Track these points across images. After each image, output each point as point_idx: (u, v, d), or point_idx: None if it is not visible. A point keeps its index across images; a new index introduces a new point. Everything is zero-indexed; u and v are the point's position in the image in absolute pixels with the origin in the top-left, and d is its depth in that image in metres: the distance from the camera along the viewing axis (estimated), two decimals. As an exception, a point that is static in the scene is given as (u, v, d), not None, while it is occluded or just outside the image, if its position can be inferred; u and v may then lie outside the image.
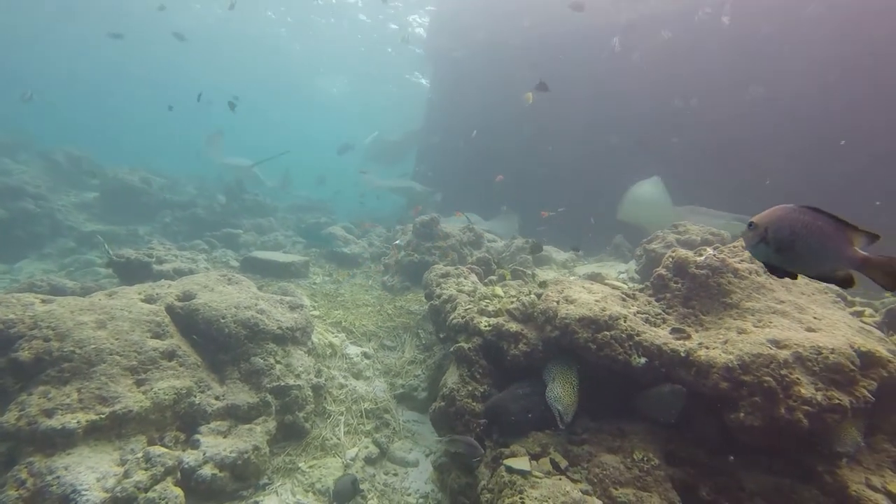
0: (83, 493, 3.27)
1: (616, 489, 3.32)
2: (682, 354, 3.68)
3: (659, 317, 4.13)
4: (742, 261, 4.20)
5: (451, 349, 4.45)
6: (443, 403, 4.21)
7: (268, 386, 4.58)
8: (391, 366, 6.15)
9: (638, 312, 4.12)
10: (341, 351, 6.06)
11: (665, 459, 3.59)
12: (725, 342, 3.69)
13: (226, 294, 5.18)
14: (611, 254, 11.07)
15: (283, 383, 4.65)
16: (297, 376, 4.83)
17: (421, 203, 15.75)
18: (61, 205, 14.95)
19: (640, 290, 4.63)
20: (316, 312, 6.92)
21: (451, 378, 4.39)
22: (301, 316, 5.39)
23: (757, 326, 3.78)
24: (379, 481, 4.46)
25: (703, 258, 4.18)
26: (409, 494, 4.37)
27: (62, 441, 3.57)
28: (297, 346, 5.18)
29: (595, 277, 6.42)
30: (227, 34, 33.39)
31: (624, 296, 4.33)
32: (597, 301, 4.06)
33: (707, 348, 3.69)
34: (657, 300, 4.36)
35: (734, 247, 4.38)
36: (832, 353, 3.30)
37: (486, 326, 4.37)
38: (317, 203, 22.16)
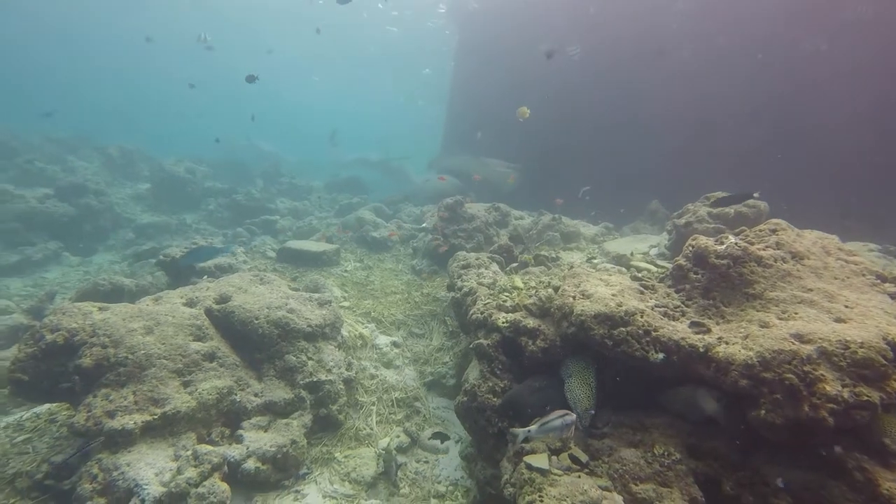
0: (144, 487, 3.70)
1: (636, 485, 3.33)
2: (701, 350, 3.59)
3: (678, 309, 4.02)
4: (766, 247, 3.97)
5: (471, 346, 4.54)
6: (465, 398, 4.35)
7: (301, 382, 4.89)
8: (420, 354, 6.36)
9: (656, 306, 4.03)
10: (371, 342, 6.32)
11: (687, 453, 3.57)
12: (746, 337, 3.56)
13: (258, 295, 5.49)
14: (647, 220, 10.68)
15: (315, 379, 4.95)
16: (329, 371, 5.11)
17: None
18: (119, 198, 16.05)
19: (661, 280, 4.49)
20: (346, 304, 7.20)
21: (473, 373, 4.51)
22: (330, 312, 5.65)
23: (781, 318, 3.61)
24: (410, 469, 4.73)
25: (723, 247, 3.98)
26: (439, 482, 4.61)
27: (123, 440, 4.02)
28: (328, 342, 5.46)
29: (621, 260, 6.25)
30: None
31: (642, 288, 4.22)
32: (613, 295, 4.00)
33: (726, 344, 3.58)
34: (677, 291, 4.23)
35: (760, 231, 4.14)
36: (861, 346, 3.12)
37: (503, 323, 4.41)
38: (352, 180, 22.48)
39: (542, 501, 3.16)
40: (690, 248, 4.24)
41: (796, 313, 3.58)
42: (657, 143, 11.72)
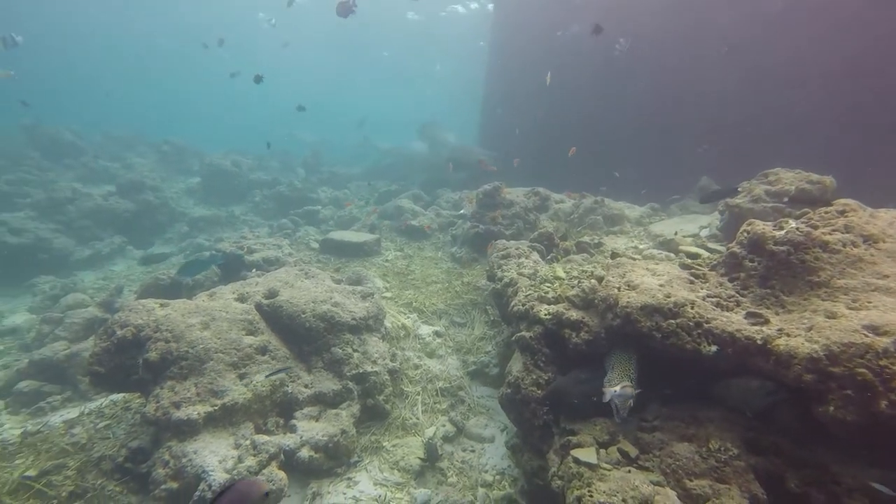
0: (210, 473, 3.97)
1: (690, 480, 3.20)
2: (759, 342, 3.39)
3: (732, 299, 3.81)
4: (834, 231, 3.66)
5: (514, 338, 4.52)
6: (509, 391, 4.35)
7: (348, 374, 5.06)
8: (462, 343, 6.40)
9: (708, 296, 3.84)
10: (414, 332, 6.42)
11: (746, 448, 3.41)
12: (810, 328, 3.32)
13: (304, 289, 5.68)
14: (696, 197, 10.15)
15: (361, 370, 5.10)
16: (374, 362, 5.25)
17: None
18: (173, 193, 16.96)
19: (713, 268, 4.27)
20: (388, 294, 7.33)
21: (516, 366, 4.50)
22: (373, 304, 5.77)
23: (851, 308, 3.34)
24: (457, 458, 4.81)
25: (782, 232, 3.71)
26: (486, 471, 4.67)
27: (188, 429, 4.31)
28: (372, 334, 5.59)
29: (669, 244, 5.98)
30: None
31: (692, 277, 4.03)
32: (661, 286, 3.84)
33: (788, 336, 3.36)
34: (731, 280, 4.00)
35: (825, 213, 3.82)
36: (947, 340, 2.85)
37: (546, 315, 4.35)
38: (390, 168, 22.67)
39: (591, 497, 3.12)
40: (745, 235, 3.99)
41: (869, 302, 3.30)
42: (706, 118, 11.02)
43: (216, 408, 4.44)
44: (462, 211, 9.48)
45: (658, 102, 11.98)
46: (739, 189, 5.36)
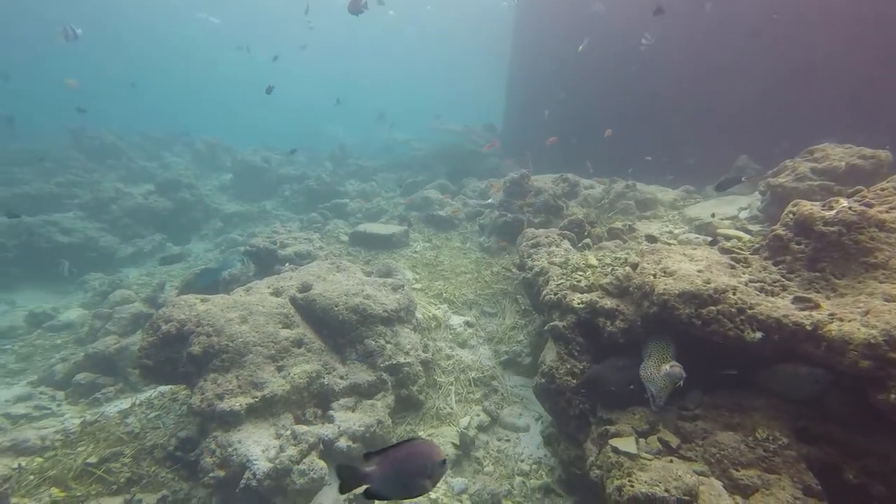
0: (254, 462, 4.12)
1: (737, 470, 3.09)
2: (809, 328, 3.24)
3: (777, 284, 3.64)
4: (891, 209, 3.43)
5: (546, 327, 4.47)
6: (543, 380, 4.32)
7: (382, 365, 5.13)
8: (493, 333, 6.38)
9: (750, 281, 3.68)
10: (445, 322, 6.44)
11: (796, 438, 3.28)
12: (867, 313, 3.14)
13: (336, 282, 5.77)
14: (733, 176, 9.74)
15: (394, 362, 5.16)
16: (407, 353, 5.30)
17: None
18: (207, 190, 17.50)
19: (755, 252, 4.09)
20: (418, 286, 7.37)
21: (549, 355, 4.45)
22: (403, 296, 5.81)
23: (913, 292, 3.15)
24: (493, 448, 4.84)
25: (833, 212, 3.50)
26: (522, 460, 4.68)
27: (232, 420, 4.48)
28: (403, 325, 5.64)
29: (706, 228, 5.76)
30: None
31: (733, 262, 3.87)
32: (699, 272, 3.70)
33: (841, 321, 3.19)
34: (775, 264, 3.82)
35: (882, 190, 3.59)
36: None
37: (579, 304, 4.28)
38: (415, 159, 22.69)
39: (632, 487, 3.05)
40: (791, 216, 3.79)
41: (932, 285, 3.10)
42: (743, 93, 10.48)
43: (257, 399, 4.59)
44: (489, 200, 9.39)
45: (689, 78, 11.47)
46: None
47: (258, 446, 4.28)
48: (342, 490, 2.07)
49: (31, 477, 4.21)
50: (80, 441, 4.90)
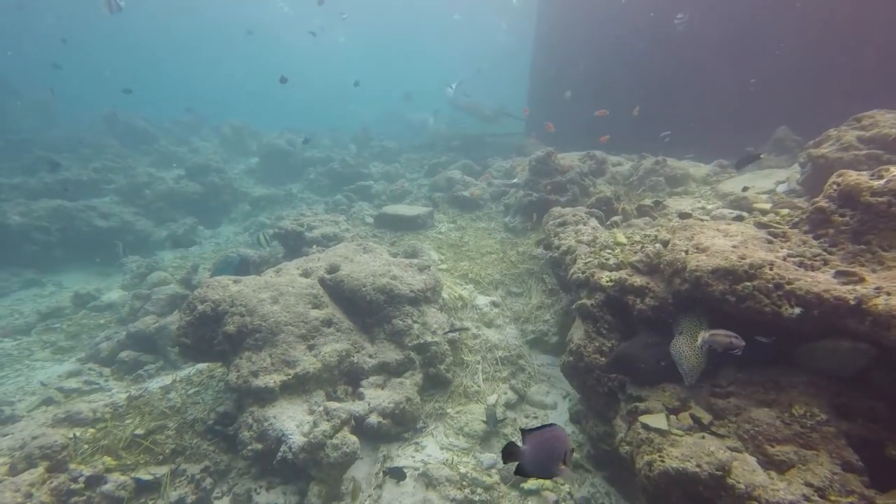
0: (289, 436, 4.28)
1: (772, 446, 3.03)
2: (852, 302, 3.10)
3: (818, 258, 3.50)
4: (952, 180, 3.23)
5: (574, 306, 4.44)
6: (571, 358, 4.31)
7: (409, 344, 5.21)
8: (520, 312, 6.38)
9: (789, 255, 3.55)
10: (471, 302, 6.46)
11: (835, 414, 3.19)
12: (918, 288, 3.00)
13: (363, 264, 5.84)
14: (771, 151, 9.30)
15: (422, 341, 5.23)
16: (434, 333, 5.37)
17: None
18: (235, 174, 17.86)
19: (794, 225, 3.93)
20: (444, 266, 7.39)
21: (577, 333, 4.43)
22: (430, 277, 5.85)
23: (969, 267, 2.97)
24: (521, 425, 4.89)
25: (882, 181, 3.31)
26: (548, 438, 4.71)
27: (267, 396, 4.65)
28: (430, 305, 5.69)
29: (741, 203, 5.55)
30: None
31: (770, 236, 3.73)
32: (734, 247, 3.59)
33: (888, 294, 3.05)
34: (816, 238, 3.67)
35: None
36: None
37: (607, 282, 4.22)
38: (440, 139, 22.53)
39: (662, 462, 3.04)
40: (835, 187, 3.62)
41: None
42: (779, 62, 9.90)
43: (290, 377, 4.74)
44: (515, 180, 9.25)
45: (721, 46, 10.89)
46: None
47: (292, 421, 4.44)
48: (504, 460, 2.24)
49: (86, 446, 4.49)
50: (127, 414, 5.19)
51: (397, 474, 4.22)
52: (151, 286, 8.97)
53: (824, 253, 3.57)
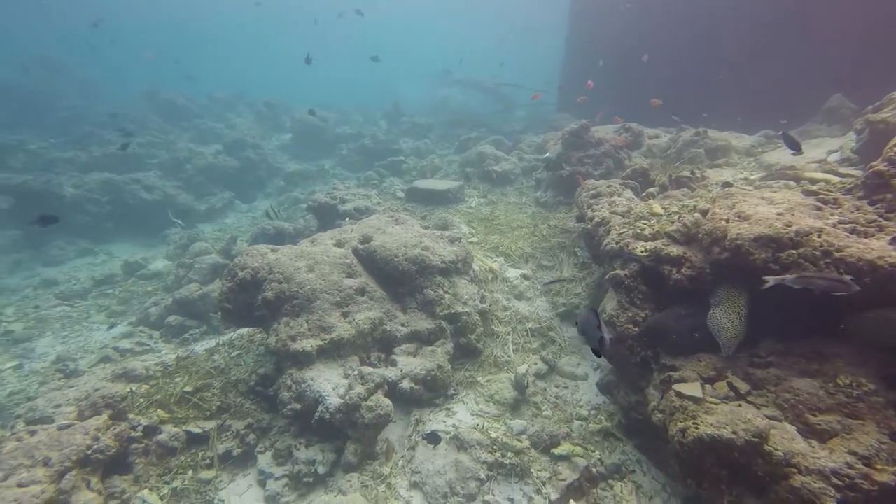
0: (327, 398, 4.48)
1: (814, 416, 2.97)
2: (907, 269, 2.96)
3: (873, 224, 3.33)
4: None
5: (607, 277, 4.39)
6: (603, 329, 4.29)
7: (441, 314, 5.29)
8: (550, 285, 6.35)
9: (840, 222, 3.39)
10: (501, 275, 6.48)
11: (885, 385, 3.08)
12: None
13: (395, 235, 5.92)
14: (822, 121, 8.76)
15: (453, 311, 5.31)
16: (465, 303, 5.43)
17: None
18: (270, 149, 18.21)
19: (847, 192, 3.73)
20: (474, 239, 7.40)
21: (610, 304, 4.40)
22: (461, 248, 5.88)
23: None
24: (551, 394, 4.94)
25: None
26: (580, 406, 4.76)
27: (304, 359, 4.85)
28: (461, 276, 5.75)
29: (787, 171, 5.29)
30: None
31: (820, 203, 3.56)
32: (779, 214, 3.45)
33: (950, 264, 2.89)
34: (871, 203, 3.48)
35: None
36: None
37: (642, 251, 4.16)
38: (470, 116, 22.22)
39: (696, 429, 3.03)
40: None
41: None
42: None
43: (326, 342, 4.92)
44: (547, 154, 9.06)
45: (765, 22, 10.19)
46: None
47: (329, 384, 4.63)
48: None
49: (141, 400, 4.84)
50: (176, 373, 5.53)
51: (433, 439, 4.36)
52: (193, 256, 9.38)
53: (880, 219, 3.39)
